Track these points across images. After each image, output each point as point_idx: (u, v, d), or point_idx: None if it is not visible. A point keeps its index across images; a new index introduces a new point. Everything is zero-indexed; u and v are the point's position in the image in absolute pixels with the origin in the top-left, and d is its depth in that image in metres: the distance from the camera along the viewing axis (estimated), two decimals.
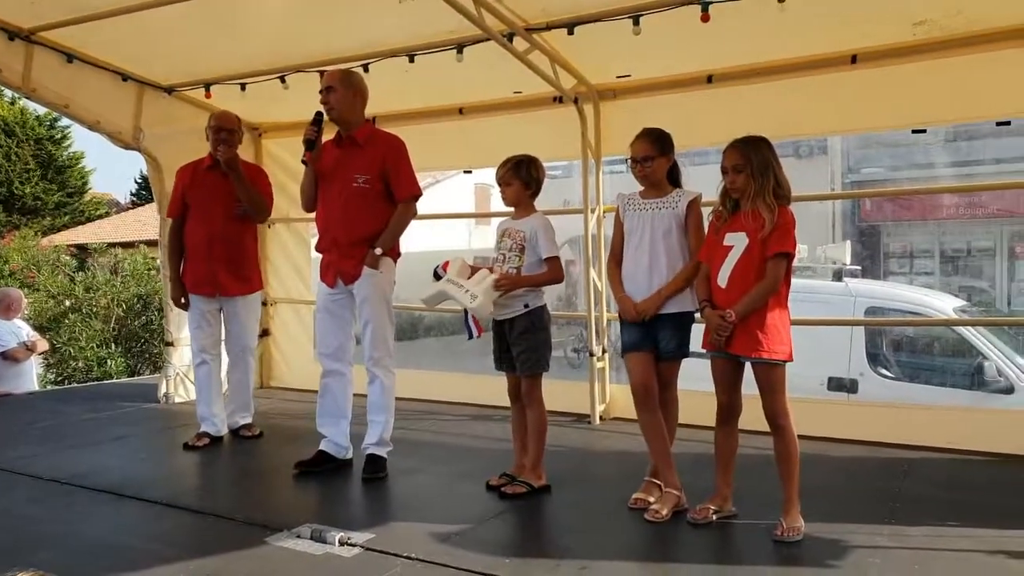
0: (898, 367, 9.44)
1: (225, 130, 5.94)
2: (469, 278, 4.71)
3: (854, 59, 5.71)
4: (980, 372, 8.44)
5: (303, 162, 5.23)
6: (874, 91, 5.77)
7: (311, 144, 5.16)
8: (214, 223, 5.99)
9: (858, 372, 8.75)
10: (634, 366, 4.40)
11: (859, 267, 12.10)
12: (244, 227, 6.11)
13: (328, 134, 5.28)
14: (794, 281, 4.19)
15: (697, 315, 4.34)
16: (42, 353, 9.97)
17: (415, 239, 6.22)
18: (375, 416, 5.23)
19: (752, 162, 4.02)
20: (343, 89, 5.18)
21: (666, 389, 4.47)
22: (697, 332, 4.36)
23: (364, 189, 5.13)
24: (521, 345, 4.72)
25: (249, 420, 6.38)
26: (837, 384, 8.65)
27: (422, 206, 5.38)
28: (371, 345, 5.20)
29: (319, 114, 5.18)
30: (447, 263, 4.85)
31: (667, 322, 4.36)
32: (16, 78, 6.71)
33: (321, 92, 5.19)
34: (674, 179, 4.55)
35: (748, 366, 4.07)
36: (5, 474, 5.35)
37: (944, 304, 9.38)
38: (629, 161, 4.52)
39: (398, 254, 5.28)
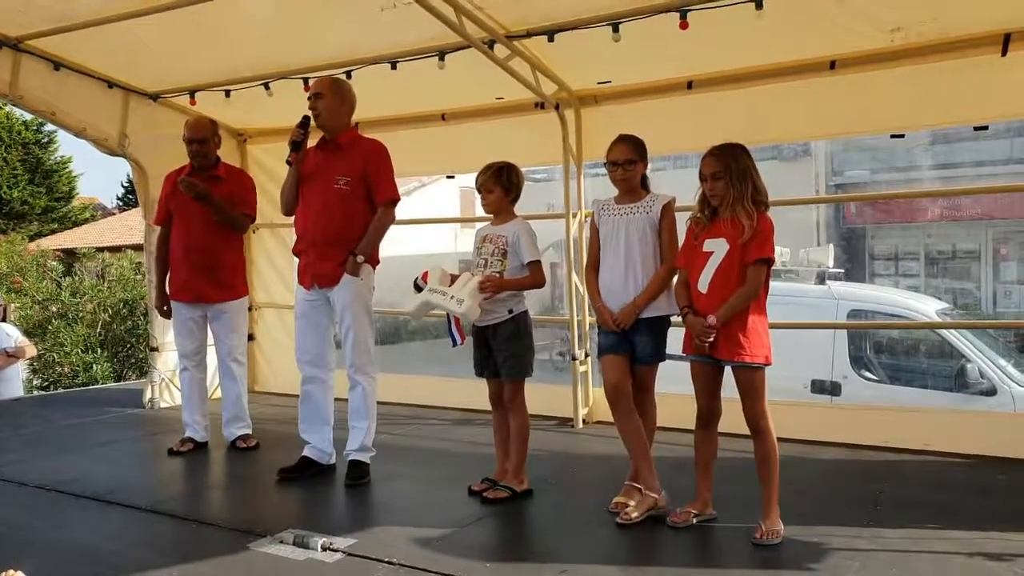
0: (881, 369, 9.47)
1: (197, 141, 5.93)
2: (450, 285, 4.73)
3: (832, 65, 5.73)
4: (963, 374, 8.48)
5: (287, 162, 5.27)
6: (853, 97, 5.80)
7: (297, 146, 5.21)
8: (194, 231, 5.94)
9: (841, 375, 8.78)
10: (607, 369, 4.42)
11: (842, 270, 12.16)
12: (226, 234, 6.02)
13: (313, 141, 5.31)
14: (777, 284, 4.24)
15: (674, 319, 4.38)
16: (30, 359, 9.94)
17: (402, 242, 6.25)
18: (357, 422, 5.25)
19: (731, 169, 4.05)
20: (331, 96, 5.21)
21: (644, 393, 4.49)
22: (674, 336, 4.39)
23: (345, 191, 5.14)
24: (506, 351, 4.74)
25: (246, 431, 6.23)
26: (820, 386, 8.68)
27: (409, 210, 5.39)
28: (353, 352, 5.21)
29: (306, 117, 5.21)
30: (426, 273, 4.85)
31: (643, 327, 4.37)
32: (3, 86, 6.72)
33: (310, 98, 5.22)
34: (645, 187, 4.58)
35: (728, 370, 4.11)
36: None
37: (927, 307, 9.43)
38: (609, 165, 4.53)
39: (377, 261, 5.30)
